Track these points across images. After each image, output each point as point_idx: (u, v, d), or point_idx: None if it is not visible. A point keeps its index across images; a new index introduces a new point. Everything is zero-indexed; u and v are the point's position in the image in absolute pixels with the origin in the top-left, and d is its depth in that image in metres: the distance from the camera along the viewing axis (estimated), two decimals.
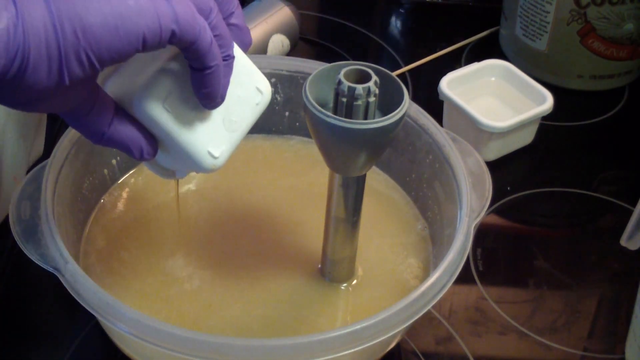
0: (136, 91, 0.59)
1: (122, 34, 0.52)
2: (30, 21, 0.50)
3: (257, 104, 0.65)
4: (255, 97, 0.65)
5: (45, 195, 0.68)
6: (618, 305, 0.85)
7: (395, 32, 1.21)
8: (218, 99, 0.60)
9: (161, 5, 0.53)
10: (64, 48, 0.51)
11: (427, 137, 0.78)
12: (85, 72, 0.52)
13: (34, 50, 0.50)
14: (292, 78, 0.82)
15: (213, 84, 0.59)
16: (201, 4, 0.57)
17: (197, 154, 0.62)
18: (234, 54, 0.60)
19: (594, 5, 1.01)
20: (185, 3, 0.55)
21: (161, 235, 0.78)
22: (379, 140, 0.63)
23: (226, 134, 0.63)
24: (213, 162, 0.62)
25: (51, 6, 0.51)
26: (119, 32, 0.52)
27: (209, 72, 0.58)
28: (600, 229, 0.94)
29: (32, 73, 0.51)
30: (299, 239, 0.78)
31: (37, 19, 0.50)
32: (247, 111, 0.65)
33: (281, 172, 0.84)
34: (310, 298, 0.74)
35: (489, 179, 0.75)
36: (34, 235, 0.66)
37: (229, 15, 0.62)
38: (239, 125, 0.64)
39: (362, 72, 0.63)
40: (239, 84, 0.63)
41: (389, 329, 0.63)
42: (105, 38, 0.52)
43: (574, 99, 1.07)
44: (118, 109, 0.59)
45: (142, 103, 0.59)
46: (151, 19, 0.53)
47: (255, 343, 0.61)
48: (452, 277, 0.66)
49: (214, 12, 0.58)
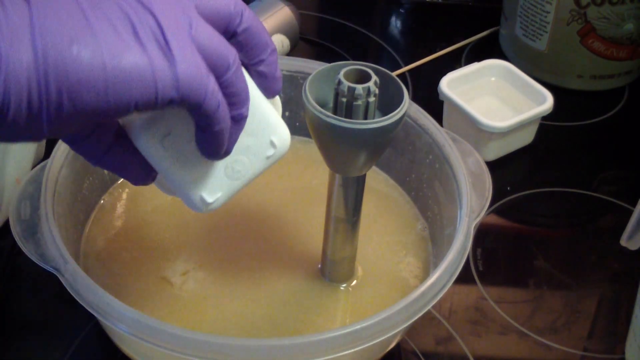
0: (137, 123, 0.56)
1: (111, 99, 0.47)
2: (14, 73, 0.45)
3: (267, 158, 0.60)
4: (267, 150, 0.60)
5: (46, 196, 0.68)
6: (618, 305, 0.85)
7: (395, 32, 1.21)
8: (221, 154, 0.55)
9: (161, 68, 0.48)
10: (46, 108, 0.46)
11: (427, 137, 0.78)
12: (67, 130, 0.48)
13: (14, 105, 0.45)
14: (293, 78, 0.82)
15: (217, 142, 0.54)
16: (217, 59, 0.51)
17: (189, 196, 0.59)
18: (247, 113, 0.55)
19: (594, 5, 1.01)
20: (192, 61, 0.49)
21: (161, 236, 0.78)
22: (378, 140, 0.63)
23: (226, 181, 0.59)
24: (205, 207, 0.59)
25: (39, 56, 0.46)
26: (108, 97, 0.47)
27: (213, 132, 0.53)
28: (600, 229, 0.94)
29: (11, 125, 0.46)
30: (298, 239, 0.78)
31: (21, 72, 0.45)
32: (255, 162, 0.60)
33: (281, 172, 0.84)
34: (310, 298, 0.74)
35: (489, 178, 0.75)
36: (34, 235, 0.67)
37: (257, 63, 0.57)
38: (243, 175, 0.60)
39: (362, 72, 0.63)
40: (251, 134, 0.58)
41: (389, 328, 0.63)
42: (91, 102, 0.47)
43: (574, 99, 1.07)
44: (120, 134, 0.56)
45: (140, 136, 0.56)
46: (146, 86, 0.47)
47: (255, 343, 0.61)
48: (452, 277, 0.66)
49: (232, 68, 0.52)
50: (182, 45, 0.49)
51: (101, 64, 0.46)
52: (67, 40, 0.46)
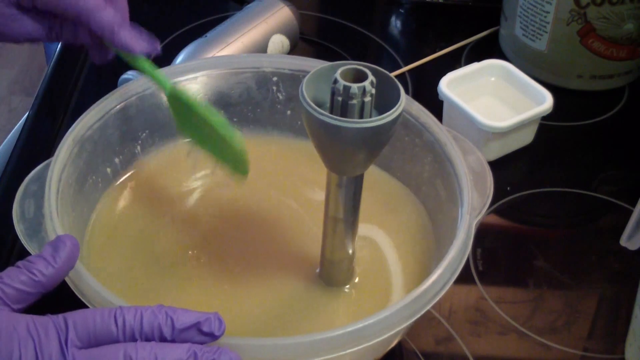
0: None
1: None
2: None
3: None
4: None
5: (49, 194, 0.68)
6: (618, 305, 0.86)
7: (395, 32, 1.21)
8: None
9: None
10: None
11: (429, 135, 0.78)
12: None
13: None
14: (294, 76, 0.82)
15: None
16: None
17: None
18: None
19: (594, 5, 1.01)
20: None
21: (162, 237, 0.78)
22: (373, 140, 0.63)
23: None
24: None
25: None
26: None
27: None
28: (600, 229, 0.94)
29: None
30: (298, 239, 0.78)
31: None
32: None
33: (282, 171, 0.84)
34: (310, 298, 0.74)
35: (490, 176, 0.75)
36: (38, 233, 0.67)
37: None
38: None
39: (359, 71, 0.63)
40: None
41: (392, 326, 0.63)
42: None
43: (574, 99, 1.07)
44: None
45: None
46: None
47: (257, 342, 0.61)
48: (454, 275, 0.66)
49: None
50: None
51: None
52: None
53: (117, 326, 0.57)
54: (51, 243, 0.61)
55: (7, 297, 0.58)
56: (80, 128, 0.75)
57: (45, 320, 0.57)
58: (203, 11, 1.17)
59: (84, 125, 0.75)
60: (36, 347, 0.56)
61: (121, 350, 0.56)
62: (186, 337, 0.58)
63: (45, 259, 0.60)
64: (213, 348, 0.58)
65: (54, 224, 0.66)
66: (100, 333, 0.57)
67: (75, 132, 0.74)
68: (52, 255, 0.60)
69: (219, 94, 0.83)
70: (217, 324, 0.59)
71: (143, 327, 0.58)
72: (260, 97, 0.84)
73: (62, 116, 0.99)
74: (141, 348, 0.56)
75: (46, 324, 0.57)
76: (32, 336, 0.56)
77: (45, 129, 0.97)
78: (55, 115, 0.97)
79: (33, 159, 0.88)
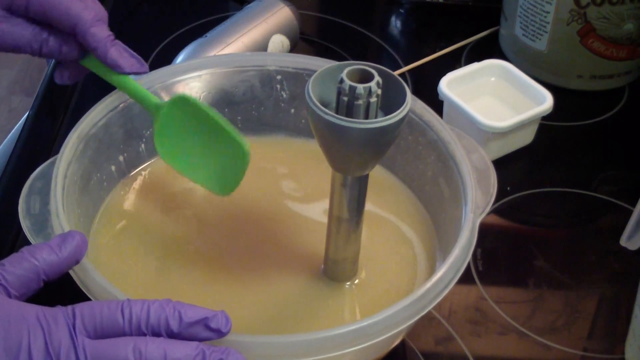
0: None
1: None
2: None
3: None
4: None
5: (56, 191, 0.68)
6: (618, 305, 0.86)
7: (395, 32, 1.21)
8: None
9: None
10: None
11: (432, 134, 0.78)
12: None
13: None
14: (298, 75, 0.82)
15: None
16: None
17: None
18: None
19: (594, 5, 1.01)
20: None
21: (166, 234, 0.78)
22: (378, 140, 0.63)
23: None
24: None
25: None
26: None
27: None
28: (600, 229, 0.94)
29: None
30: (302, 238, 0.78)
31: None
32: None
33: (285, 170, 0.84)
34: (313, 298, 0.74)
35: (493, 174, 0.75)
36: (44, 229, 0.67)
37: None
38: None
39: (365, 72, 0.63)
40: None
41: (397, 324, 0.63)
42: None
43: (574, 99, 1.07)
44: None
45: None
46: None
47: (261, 340, 0.61)
48: (458, 273, 0.66)
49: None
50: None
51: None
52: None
53: (124, 317, 0.57)
54: (61, 235, 0.61)
55: (8, 284, 0.58)
56: (85, 125, 0.75)
57: (55, 310, 0.57)
58: (203, 11, 1.17)
59: (88, 122, 0.75)
60: (45, 335, 0.56)
61: (130, 344, 0.56)
62: (193, 332, 0.58)
63: (51, 247, 0.60)
64: (221, 348, 0.58)
65: (60, 220, 0.66)
66: (107, 324, 0.57)
67: (80, 129, 0.74)
68: (58, 245, 0.60)
69: (222, 92, 0.83)
70: (224, 321, 0.59)
71: (150, 319, 0.58)
72: (264, 96, 0.84)
73: (62, 116, 0.99)
74: (151, 342, 0.57)
75: (55, 314, 0.57)
76: (42, 324, 0.56)
77: (45, 129, 0.97)
78: (55, 115, 0.97)
79: (33, 159, 0.89)
